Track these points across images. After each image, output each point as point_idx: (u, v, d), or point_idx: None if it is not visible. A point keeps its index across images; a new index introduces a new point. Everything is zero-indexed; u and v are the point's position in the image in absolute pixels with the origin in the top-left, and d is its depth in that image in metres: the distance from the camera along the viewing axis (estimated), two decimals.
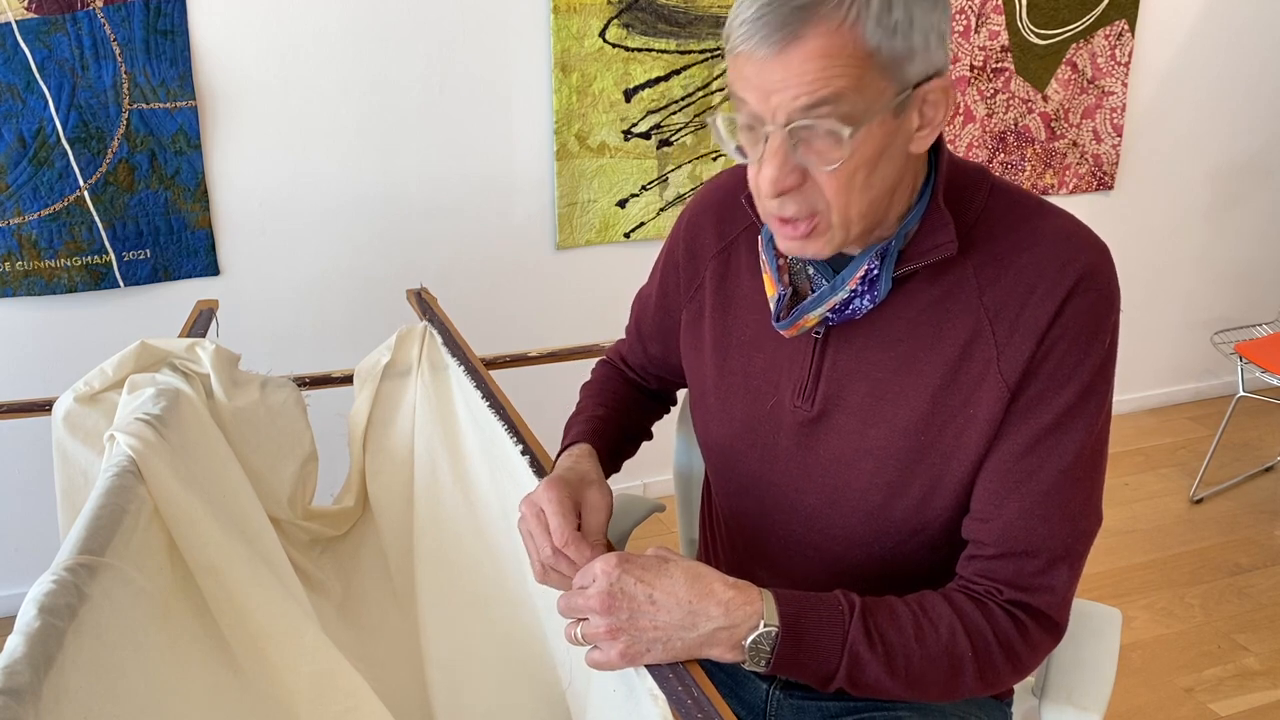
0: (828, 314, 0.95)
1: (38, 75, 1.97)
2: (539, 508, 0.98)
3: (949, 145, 2.85)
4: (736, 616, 0.85)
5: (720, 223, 1.09)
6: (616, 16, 2.35)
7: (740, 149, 0.89)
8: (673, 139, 2.49)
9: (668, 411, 1.33)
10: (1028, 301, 0.90)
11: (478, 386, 1.37)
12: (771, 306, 0.99)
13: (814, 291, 0.96)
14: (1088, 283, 0.89)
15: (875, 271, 0.92)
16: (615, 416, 1.21)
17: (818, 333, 0.98)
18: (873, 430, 0.96)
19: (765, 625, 0.85)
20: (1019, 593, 0.91)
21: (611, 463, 1.16)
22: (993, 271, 0.91)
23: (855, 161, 0.84)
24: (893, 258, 0.92)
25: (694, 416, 1.14)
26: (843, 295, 0.93)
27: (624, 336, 1.31)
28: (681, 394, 1.32)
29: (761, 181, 0.87)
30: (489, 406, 1.32)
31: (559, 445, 1.18)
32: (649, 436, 1.28)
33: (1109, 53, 2.89)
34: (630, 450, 1.24)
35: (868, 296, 0.93)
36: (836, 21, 0.79)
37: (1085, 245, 0.91)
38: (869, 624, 0.87)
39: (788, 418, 1.01)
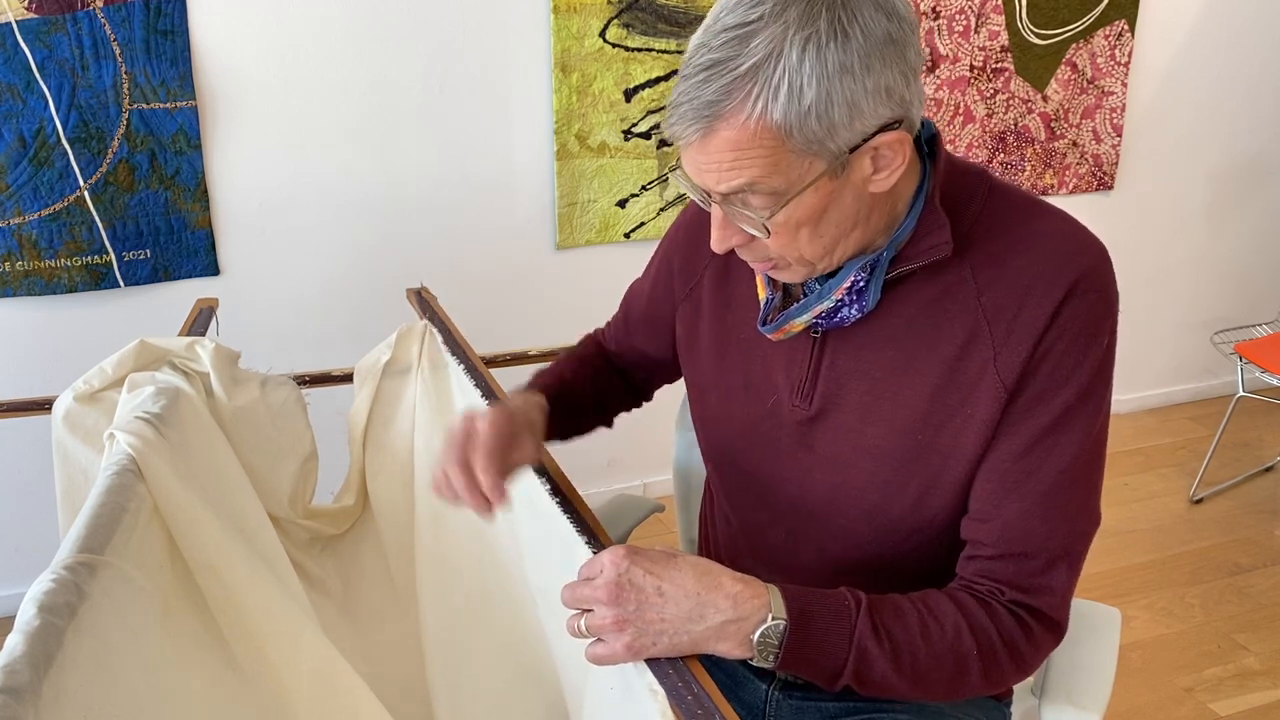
0: (815, 320, 0.96)
1: (38, 75, 1.97)
2: (474, 424, 1.00)
3: (950, 145, 2.84)
4: (745, 609, 0.85)
5: None
6: (616, 16, 2.35)
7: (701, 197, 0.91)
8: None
9: (638, 405, 1.34)
10: (1025, 302, 0.90)
11: (478, 385, 1.37)
12: (761, 309, 1.00)
13: (805, 295, 0.97)
14: (1086, 284, 0.89)
15: (862, 283, 0.92)
16: (584, 387, 1.23)
17: (815, 332, 0.98)
18: (871, 429, 0.96)
19: (773, 618, 0.85)
20: (1020, 594, 0.91)
21: (559, 431, 1.19)
22: (991, 272, 0.92)
23: (793, 222, 0.86)
24: (882, 268, 0.92)
25: (694, 415, 1.15)
26: (828, 304, 0.94)
27: (610, 323, 1.33)
28: (680, 394, 1.32)
29: (711, 240, 0.91)
30: (489, 405, 1.32)
31: (528, 389, 1.19)
32: (608, 423, 1.30)
33: (1109, 53, 2.89)
34: (585, 427, 1.26)
35: (855, 306, 0.94)
36: (743, 116, 0.80)
37: (1084, 247, 0.91)
38: (875, 620, 0.87)
39: (787, 416, 1.01)
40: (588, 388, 1.25)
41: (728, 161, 0.82)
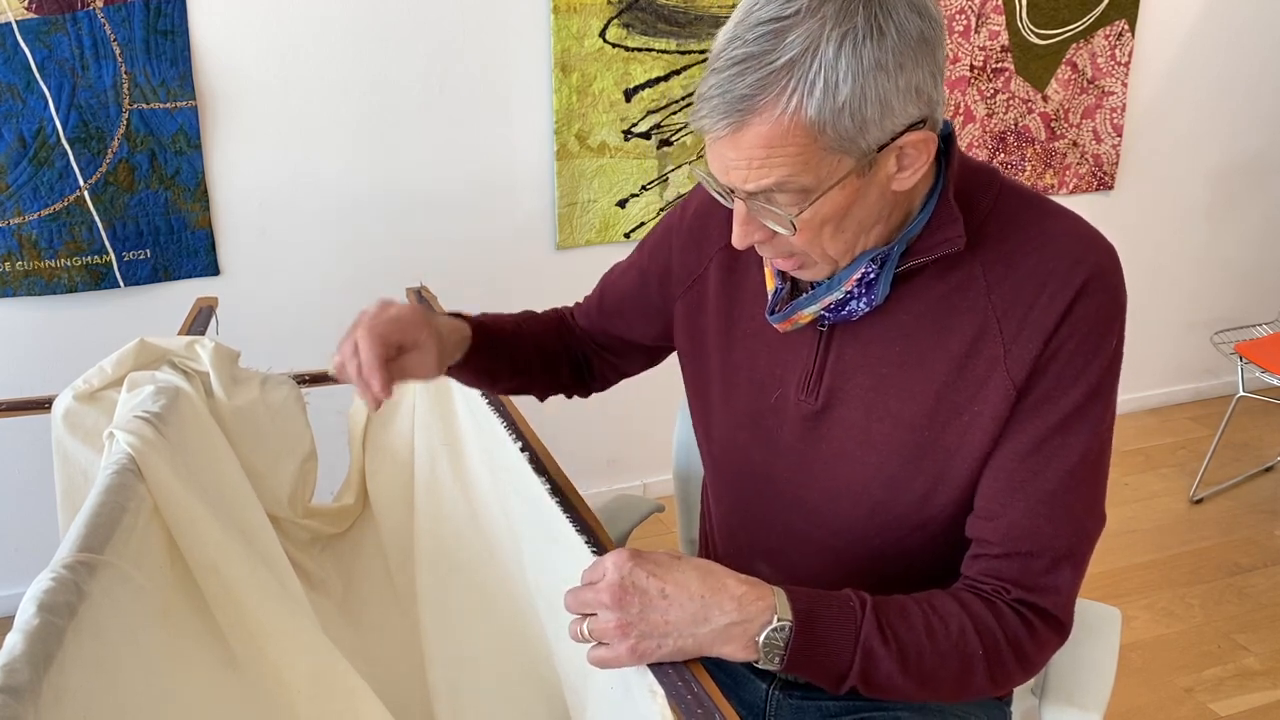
0: (823, 312, 0.95)
1: (38, 75, 1.97)
2: (379, 309, 0.99)
3: None
4: (750, 611, 0.84)
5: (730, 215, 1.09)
6: (616, 16, 2.35)
7: (723, 193, 0.91)
8: (673, 139, 2.49)
9: (584, 393, 1.31)
10: (1036, 301, 0.90)
11: None
12: (769, 299, 1.00)
13: (814, 287, 0.96)
14: (1096, 284, 0.89)
15: (872, 275, 0.92)
16: (522, 342, 1.20)
17: (823, 326, 0.98)
18: (876, 424, 0.96)
19: (779, 620, 0.84)
20: (1025, 593, 0.91)
21: (471, 369, 1.15)
22: (1001, 270, 0.92)
23: (819, 220, 0.86)
24: (893, 262, 0.92)
25: (694, 409, 1.14)
26: (837, 295, 0.94)
27: (582, 304, 1.30)
28: (680, 394, 1.32)
29: (732, 237, 0.90)
30: (489, 404, 1.32)
31: (462, 316, 1.16)
32: (538, 394, 1.27)
33: (1109, 53, 2.89)
34: (502, 381, 1.22)
35: (864, 300, 0.94)
36: (778, 111, 0.79)
37: (1094, 247, 0.91)
38: (881, 620, 0.87)
39: (791, 411, 1.01)
40: (525, 345, 1.21)
41: (759, 158, 0.82)
